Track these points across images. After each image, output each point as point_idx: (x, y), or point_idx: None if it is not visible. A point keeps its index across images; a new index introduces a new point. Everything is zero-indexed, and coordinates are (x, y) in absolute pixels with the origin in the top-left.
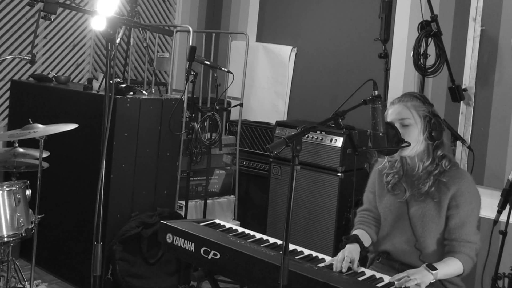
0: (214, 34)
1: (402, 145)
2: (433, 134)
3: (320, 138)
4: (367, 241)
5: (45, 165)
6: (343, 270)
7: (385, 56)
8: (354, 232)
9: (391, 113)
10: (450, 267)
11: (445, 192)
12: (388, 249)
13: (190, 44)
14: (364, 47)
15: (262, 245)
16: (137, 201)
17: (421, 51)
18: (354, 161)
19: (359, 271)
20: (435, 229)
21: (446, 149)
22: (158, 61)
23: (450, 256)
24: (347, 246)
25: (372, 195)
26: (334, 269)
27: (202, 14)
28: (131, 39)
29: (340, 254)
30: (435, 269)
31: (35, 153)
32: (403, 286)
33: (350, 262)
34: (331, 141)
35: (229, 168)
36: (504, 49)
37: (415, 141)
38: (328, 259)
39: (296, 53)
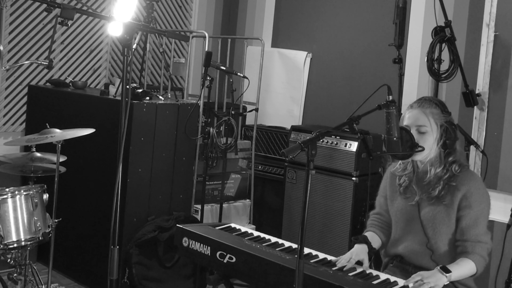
0: (229, 40)
1: (416, 150)
2: (447, 143)
3: (335, 142)
4: (376, 242)
5: (62, 169)
6: (345, 268)
7: (399, 61)
8: (365, 233)
9: (409, 118)
10: (464, 268)
11: (455, 194)
12: (400, 253)
13: (206, 49)
14: (378, 52)
15: (277, 249)
16: (153, 205)
17: (435, 57)
18: (368, 165)
19: (367, 271)
20: (446, 231)
21: (458, 155)
22: (174, 67)
23: (462, 257)
24: (356, 246)
25: (383, 199)
26: (338, 265)
27: (218, 20)
28: (148, 45)
29: (347, 253)
30: (449, 271)
31: (52, 157)
32: None
33: (360, 264)
34: (345, 146)
35: (244, 172)
36: None
37: (429, 148)
38: None
39: (311, 59)
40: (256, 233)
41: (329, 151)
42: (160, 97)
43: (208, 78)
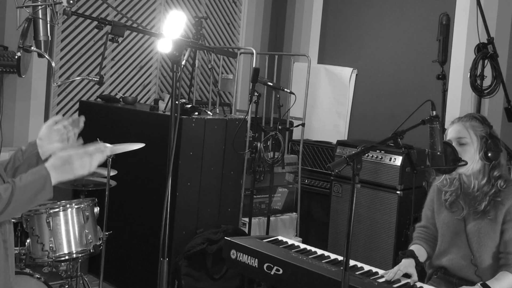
0: (277, 56)
1: (459, 163)
2: (489, 154)
3: (380, 157)
4: (423, 255)
5: (113, 183)
6: (391, 279)
7: (443, 77)
8: (412, 246)
9: (450, 132)
10: (504, 282)
11: (500, 208)
12: (445, 265)
13: (254, 65)
14: (422, 68)
15: (323, 261)
16: (202, 218)
17: (478, 73)
18: (412, 179)
19: (418, 286)
20: (490, 244)
21: (503, 170)
22: (223, 82)
23: (504, 270)
24: (403, 260)
25: (430, 212)
26: (386, 278)
27: (265, 37)
28: (196, 61)
29: (395, 267)
30: (489, 287)
31: (103, 171)
32: None
33: (408, 277)
34: (390, 160)
35: (291, 186)
36: None
37: (471, 160)
38: None
39: (356, 75)
40: (302, 246)
41: (374, 165)
42: (209, 112)
43: (256, 93)
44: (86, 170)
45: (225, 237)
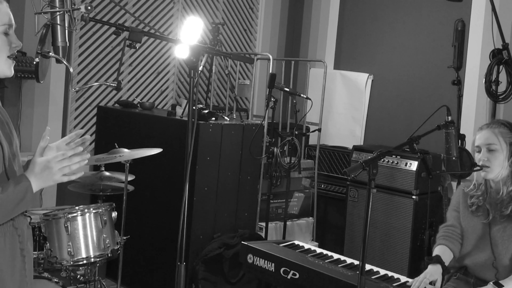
0: (293, 62)
1: (474, 169)
2: None
3: (396, 162)
4: (448, 257)
5: (131, 188)
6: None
7: (458, 83)
8: (436, 247)
9: (479, 138)
10: None
11: None
12: (466, 264)
13: (270, 71)
14: (438, 74)
15: (339, 265)
16: (219, 222)
17: (493, 78)
18: (428, 184)
19: None
20: None
21: None
22: (239, 88)
23: None
24: (429, 267)
25: (456, 213)
26: (412, 287)
27: (282, 43)
28: (213, 67)
29: (422, 274)
30: (501, 286)
31: (121, 176)
32: None
33: (432, 284)
34: (406, 165)
35: (307, 191)
36: None
37: (500, 166)
38: (403, 278)
39: (372, 80)
40: (319, 250)
41: (390, 170)
42: (226, 117)
43: (272, 99)
44: (66, 175)
45: (242, 242)
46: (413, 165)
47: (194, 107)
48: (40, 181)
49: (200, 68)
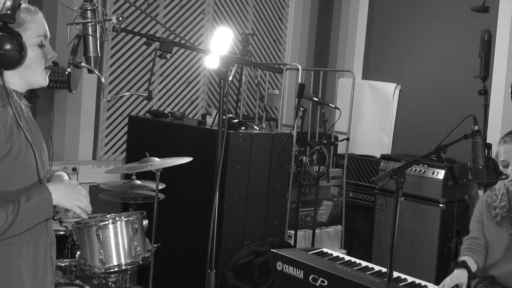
0: (322, 72)
1: (501, 177)
2: None
3: (423, 170)
4: (473, 267)
5: (161, 196)
6: None
7: (485, 92)
8: (462, 258)
9: (506, 153)
10: None
11: None
12: (494, 274)
13: (299, 81)
14: (464, 84)
15: (367, 273)
16: (248, 230)
17: None
18: (455, 192)
19: None
20: None
21: None
22: (269, 98)
23: None
24: (455, 271)
25: (479, 225)
26: None
27: (311, 53)
28: (243, 77)
29: (448, 278)
30: None
31: (152, 185)
32: None
33: (457, 287)
34: (433, 174)
35: (336, 199)
36: None
37: None
38: (430, 286)
39: (400, 90)
40: (347, 258)
41: (417, 179)
42: (255, 127)
43: (301, 108)
44: (79, 208)
45: (271, 249)
46: (440, 174)
47: (224, 117)
48: (61, 199)
49: (230, 78)
